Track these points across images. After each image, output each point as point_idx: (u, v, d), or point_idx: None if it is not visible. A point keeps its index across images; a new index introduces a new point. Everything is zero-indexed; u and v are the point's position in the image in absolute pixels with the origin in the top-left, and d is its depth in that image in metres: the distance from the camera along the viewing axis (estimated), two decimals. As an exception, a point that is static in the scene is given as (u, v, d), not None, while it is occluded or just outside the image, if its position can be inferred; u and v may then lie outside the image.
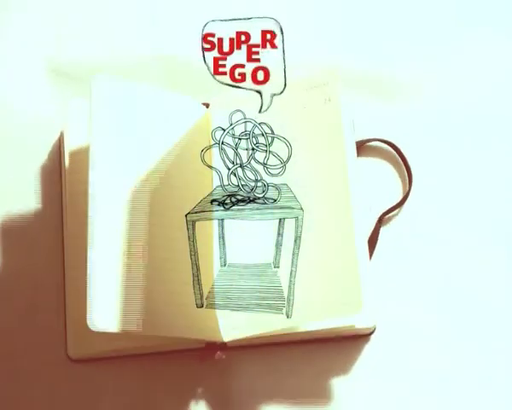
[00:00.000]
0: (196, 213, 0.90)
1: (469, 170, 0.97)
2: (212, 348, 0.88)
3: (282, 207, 0.90)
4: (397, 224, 0.96)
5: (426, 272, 0.94)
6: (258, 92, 0.92)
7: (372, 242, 0.94)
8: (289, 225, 0.90)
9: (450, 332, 0.92)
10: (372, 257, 0.93)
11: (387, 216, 0.95)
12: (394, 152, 0.97)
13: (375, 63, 0.99)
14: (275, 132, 0.93)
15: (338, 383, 0.90)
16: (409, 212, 0.96)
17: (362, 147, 0.96)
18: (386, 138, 0.97)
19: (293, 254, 0.89)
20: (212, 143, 0.92)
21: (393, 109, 0.98)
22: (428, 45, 1.00)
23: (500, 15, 1.02)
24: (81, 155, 0.92)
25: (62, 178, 0.94)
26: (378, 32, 1.01)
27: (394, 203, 0.96)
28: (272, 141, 0.93)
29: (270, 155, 0.92)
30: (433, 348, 0.92)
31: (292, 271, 0.89)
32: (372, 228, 0.94)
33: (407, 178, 0.97)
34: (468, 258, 0.94)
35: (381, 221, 0.95)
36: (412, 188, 0.96)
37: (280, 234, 0.91)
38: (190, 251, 0.89)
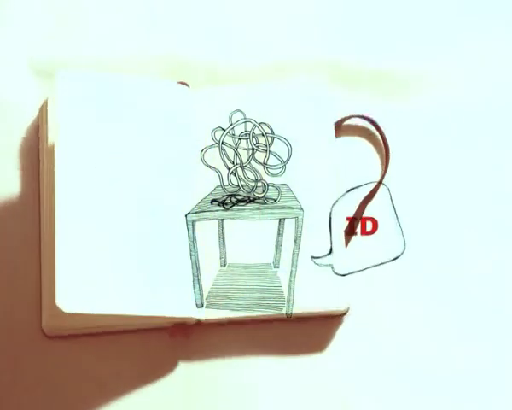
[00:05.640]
0: (196, 213, 0.90)
1: (465, 168, 0.97)
2: (183, 327, 0.88)
3: (282, 207, 0.90)
4: (373, 204, 0.95)
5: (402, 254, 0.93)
6: None
7: (353, 223, 0.92)
8: (289, 225, 0.90)
9: (425, 314, 0.92)
10: (351, 239, 0.92)
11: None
12: (373, 129, 0.96)
13: (375, 61, 0.99)
14: (275, 132, 0.93)
15: (312, 360, 0.90)
16: (385, 192, 0.95)
17: (341, 126, 0.95)
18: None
19: (293, 254, 0.89)
20: (212, 143, 0.93)
21: (393, 107, 0.98)
22: (428, 44, 1.00)
23: (501, 15, 1.02)
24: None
25: (40, 159, 0.94)
26: (378, 30, 1.01)
27: (375, 182, 0.94)
28: (272, 141, 0.93)
29: (270, 155, 0.92)
30: (407, 329, 0.91)
31: (292, 271, 0.89)
32: (355, 209, 0.93)
33: (384, 153, 0.96)
34: (443, 240, 0.93)
35: (366, 203, 0.93)
36: (393, 166, 0.95)
37: (280, 234, 0.91)
38: (190, 251, 0.89)
